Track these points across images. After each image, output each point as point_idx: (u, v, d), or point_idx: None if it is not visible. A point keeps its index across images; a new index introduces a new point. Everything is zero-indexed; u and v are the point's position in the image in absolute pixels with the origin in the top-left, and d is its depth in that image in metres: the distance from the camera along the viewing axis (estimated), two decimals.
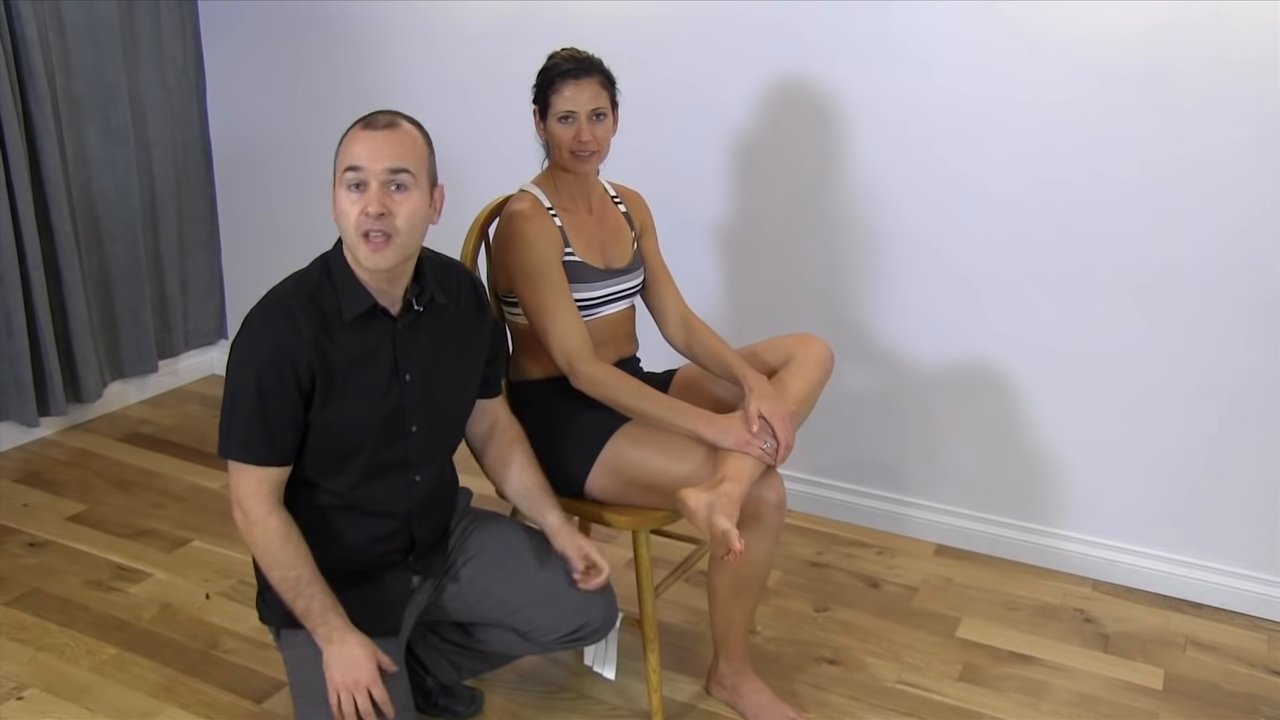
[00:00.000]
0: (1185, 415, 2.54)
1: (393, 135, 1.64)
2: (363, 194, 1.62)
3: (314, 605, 1.70)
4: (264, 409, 1.65)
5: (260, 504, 1.69)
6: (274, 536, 1.69)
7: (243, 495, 1.70)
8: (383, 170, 1.62)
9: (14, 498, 2.96)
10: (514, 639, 1.94)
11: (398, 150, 1.63)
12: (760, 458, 1.93)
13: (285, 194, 3.54)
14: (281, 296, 1.70)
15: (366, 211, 1.61)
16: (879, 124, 2.65)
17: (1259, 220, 2.35)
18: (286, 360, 1.64)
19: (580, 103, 2.00)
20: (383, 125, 1.65)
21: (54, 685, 2.21)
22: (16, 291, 3.04)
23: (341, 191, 1.64)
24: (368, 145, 1.63)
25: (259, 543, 1.70)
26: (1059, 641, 2.47)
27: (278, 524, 1.70)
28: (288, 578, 1.70)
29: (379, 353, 1.73)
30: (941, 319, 2.72)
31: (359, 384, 1.71)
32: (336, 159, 1.66)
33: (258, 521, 1.69)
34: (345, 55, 3.30)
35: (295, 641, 1.80)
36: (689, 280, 2.38)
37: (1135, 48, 2.37)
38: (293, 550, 1.70)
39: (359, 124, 1.66)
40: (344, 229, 1.65)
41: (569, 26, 2.79)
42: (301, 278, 1.73)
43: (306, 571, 1.70)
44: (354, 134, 1.65)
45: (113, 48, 3.24)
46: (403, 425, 1.77)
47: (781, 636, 2.45)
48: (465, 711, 2.13)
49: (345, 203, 1.63)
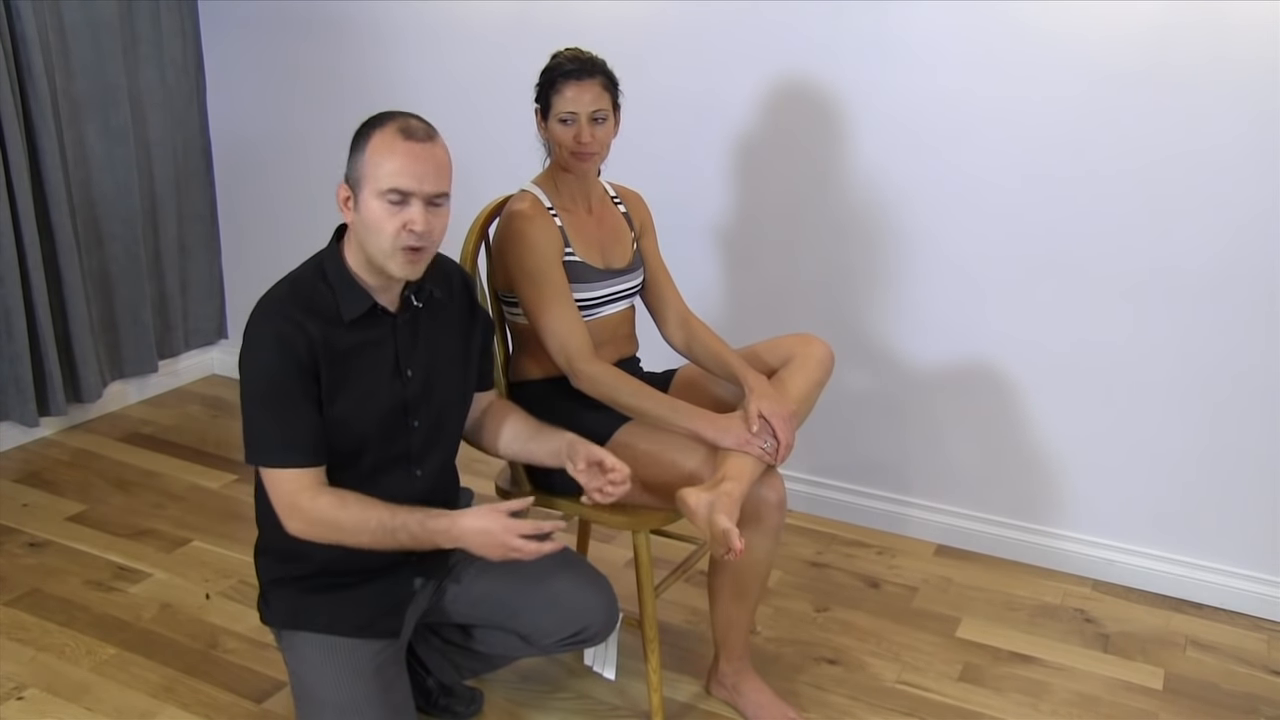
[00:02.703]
0: (1185, 415, 2.54)
1: (434, 153, 1.64)
2: (404, 209, 1.62)
3: (412, 530, 1.68)
4: (285, 411, 1.65)
5: (306, 497, 1.67)
6: (332, 513, 1.67)
7: (288, 500, 1.67)
8: (428, 194, 1.64)
9: (14, 498, 2.96)
10: (514, 641, 1.94)
11: (441, 173, 1.65)
12: (760, 457, 1.93)
13: (285, 194, 3.54)
14: (279, 301, 1.69)
15: (412, 229, 1.62)
16: (879, 123, 2.65)
17: (1259, 219, 2.35)
18: (294, 361, 1.64)
19: (581, 104, 2.00)
20: (422, 138, 1.64)
21: (54, 685, 2.20)
22: (16, 291, 3.04)
23: (378, 203, 1.63)
24: (412, 167, 1.62)
25: (325, 529, 1.68)
26: (1059, 641, 2.47)
27: (327, 500, 1.67)
28: (376, 534, 1.68)
29: (381, 350, 1.73)
30: (941, 318, 2.72)
31: (362, 381, 1.71)
32: (363, 160, 1.64)
33: (311, 511, 1.67)
34: (345, 55, 3.30)
35: (296, 642, 1.80)
36: (689, 280, 2.38)
37: (1135, 47, 2.37)
38: (355, 509, 1.67)
39: (395, 131, 1.63)
40: (377, 239, 1.64)
41: (569, 26, 2.79)
42: (297, 280, 1.72)
43: (379, 514, 1.68)
44: (391, 144, 1.62)
45: (113, 48, 3.23)
46: (405, 420, 1.78)
47: (781, 636, 2.45)
48: (466, 712, 2.13)
49: (383, 215, 1.63)
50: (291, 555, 1.80)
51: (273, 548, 1.84)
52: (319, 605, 1.80)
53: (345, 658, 1.78)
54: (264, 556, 1.87)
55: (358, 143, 1.66)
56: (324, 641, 1.79)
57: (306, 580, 1.81)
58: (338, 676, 1.78)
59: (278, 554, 1.83)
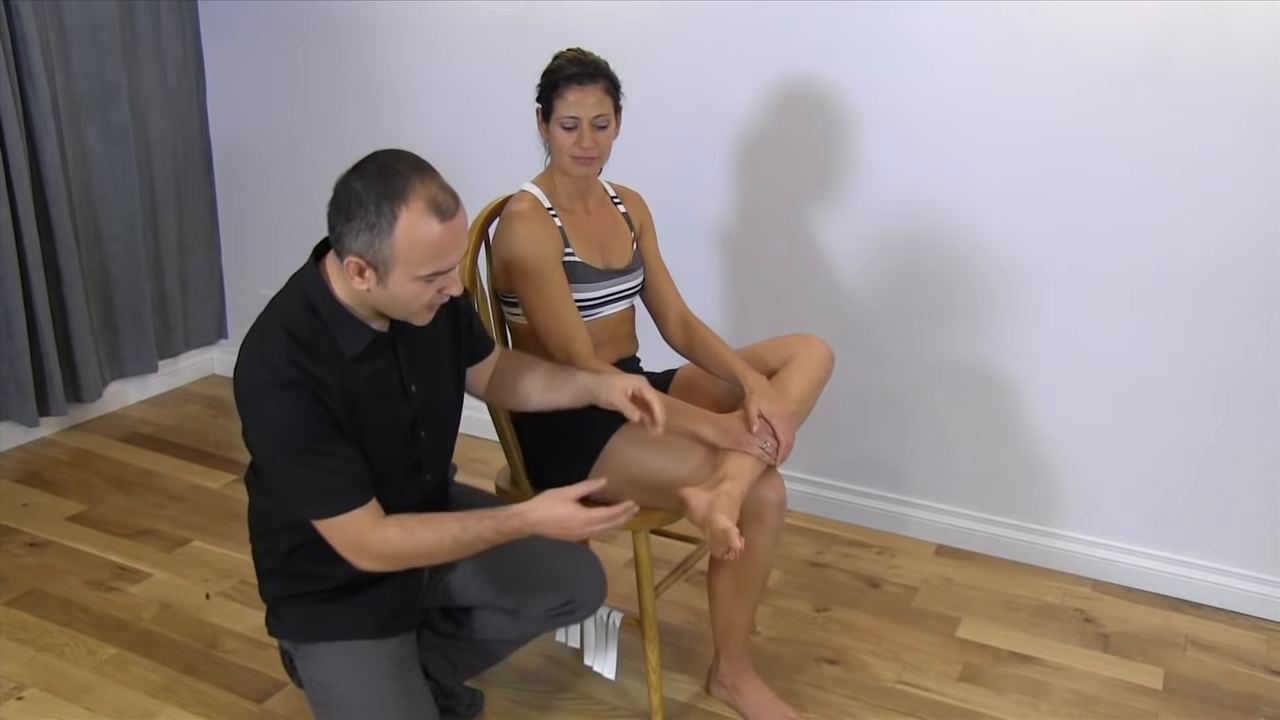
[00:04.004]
0: (1185, 415, 2.54)
1: (462, 219, 1.60)
2: (439, 279, 1.60)
3: (487, 538, 1.66)
4: (327, 461, 1.61)
5: (373, 532, 1.64)
6: (406, 544, 1.65)
7: (354, 542, 1.65)
8: (455, 264, 1.62)
9: (14, 498, 2.96)
10: (503, 620, 1.92)
11: (464, 241, 1.62)
12: (760, 457, 1.93)
13: (285, 194, 3.54)
14: (284, 356, 1.60)
15: (449, 292, 1.62)
16: (879, 123, 2.65)
17: (1260, 219, 2.35)
18: (323, 414, 1.60)
19: (584, 109, 1.99)
20: (453, 211, 1.57)
21: (54, 685, 2.21)
22: (16, 291, 3.04)
23: (414, 284, 1.58)
24: (450, 249, 1.58)
25: (399, 562, 1.67)
26: (1059, 641, 2.47)
27: (395, 534, 1.65)
28: (452, 551, 1.67)
29: (388, 376, 1.71)
30: (942, 318, 2.72)
31: (378, 411, 1.69)
32: (391, 243, 1.54)
33: (383, 544, 1.64)
34: (345, 55, 3.30)
35: (315, 650, 1.80)
36: (689, 280, 2.38)
37: (1135, 46, 2.37)
38: (425, 535, 1.65)
39: (426, 210, 1.54)
40: (406, 307, 1.62)
41: (569, 26, 2.79)
42: (290, 325, 1.63)
43: (450, 530, 1.66)
44: (426, 228, 1.54)
45: (113, 48, 3.24)
46: (414, 433, 1.77)
47: (781, 636, 2.45)
48: (466, 713, 2.13)
49: (419, 290, 1.59)
50: (303, 574, 1.78)
51: (279, 569, 1.82)
52: (337, 613, 1.78)
53: (367, 658, 1.78)
54: (270, 577, 1.84)
55: (378, 221, 1.53)
56: (345, 646, 1.78)
57: (323, 592, 1.79)
58: (364, 679, 1.78)
59: (286, 575, 1.81)
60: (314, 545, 1.70)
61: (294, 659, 1.86)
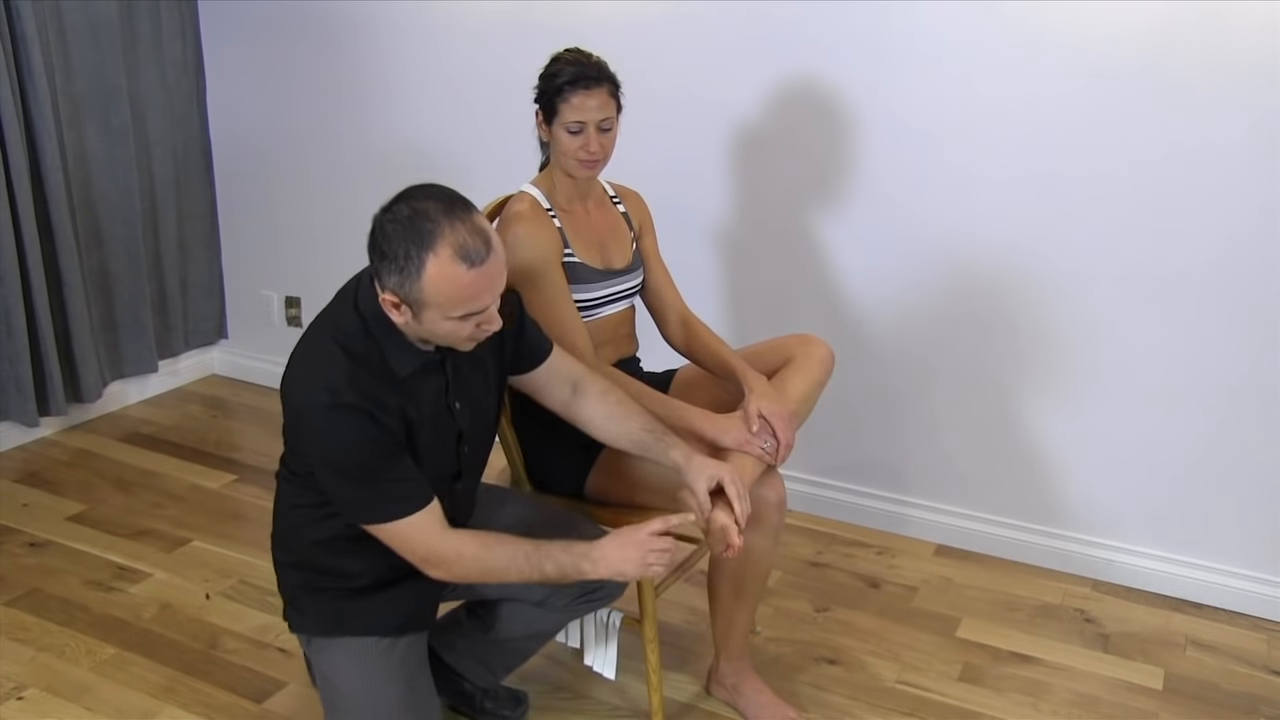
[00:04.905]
0: (1185, 415, 2.54)
1: (497, 263, 1.56)
2: (478, 315, 1.59)
3: (558, 560, 1.67)
4: (391, 472, 1.62)
5: (442, 541, 1.65)
6: (479, 558, 1.66)
7: (423, 550, 1.65)
8: (490, 304, 1.60)
9: (14, 498, 2.96)
10: (529, 612, 1.93)
11: (503, 273, 1.59)
12: (760, 457, 1.93)
13: (285, 194, 3.54)
14: (349, 376, 1.59)
15: (488, 328, 1.61)
16: (879, 123, 2.65)
17: (1260, 219, 2.35)
18: (390, 434, 1.61)
19: (589, 112, 1.97)
20: (482, 257, 1.53)
21: (54, 685, 2.21)
22: (16, 291, 3.04)
23: (446, 323, 1.57)
24: (481, 293, 1.56)
25: (472, 575, 1.68)
26: (1059, 641, 2.47)
27: (472, 548, 1.66)
28: (523, 571, 1.67)
29: (437, 395, 1.72)
30: (942, 318, 2.72)
31: (432, 429, 1.70)
32: (419, 287, 1.52)
33: (457, 558, 1.65)
34: (345, 55, 3.30)
35: (328, 647, 1.80)
36: (689, 280, 2.38)
37: (1135, 46, 2.37)
38: (502, 549, 1.67)
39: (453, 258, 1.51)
40: (449, 339, 1.62)
41: (569, 27, 2.78)
42: (348, 346, 1.62)
43: (525, 548, 1.67)
44: (454, 275, 1.52)
45: (113, 48, 3.23)
46: (459, 449, 1.78)
47: (781, 636, 2.45)
48: (514, 715, 2.14)
49: (457, 325, 1.58)
50: (331, 570, 1.79)
51: (307, 563, 1.81)
52: (360, 609, 1.79)
53: (377, 660, 1.78)
54: (295, 570, 1.83)
55: (407, 266, 1.52)
56: (357, 646, 1.78)
57: (349, 590, 1.79)
58: (372, 681, 1.78)
59: (314, 569, 1.81)
60: (348, 542, 1.71)
61: (309, 655, 1.87)
